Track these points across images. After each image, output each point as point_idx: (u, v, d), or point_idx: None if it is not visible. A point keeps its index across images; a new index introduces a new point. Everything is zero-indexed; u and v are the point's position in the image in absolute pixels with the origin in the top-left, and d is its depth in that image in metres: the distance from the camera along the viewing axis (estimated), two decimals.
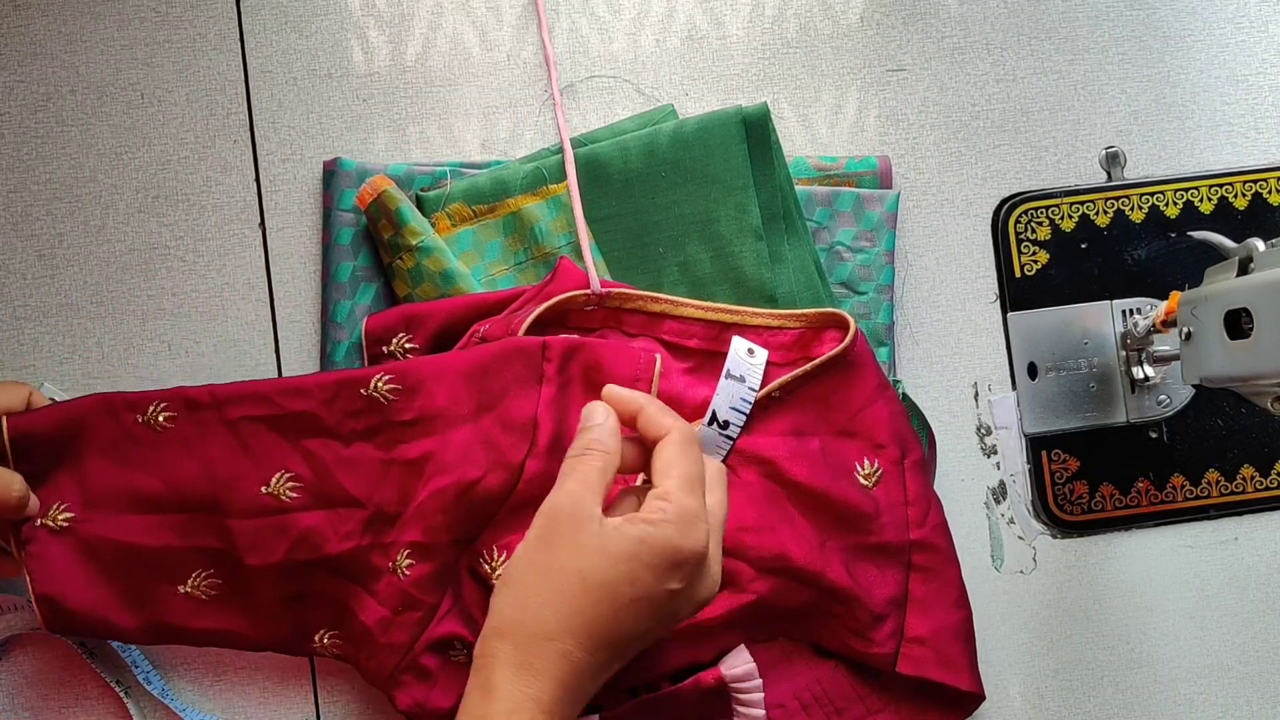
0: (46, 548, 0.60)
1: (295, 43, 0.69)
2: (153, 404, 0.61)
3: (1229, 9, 0.72)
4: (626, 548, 0.49)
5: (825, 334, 0.64)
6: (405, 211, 0.64)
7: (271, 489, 0.60)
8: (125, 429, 0.61)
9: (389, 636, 0.61)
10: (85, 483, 0.60)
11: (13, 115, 0.68)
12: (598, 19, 0.70)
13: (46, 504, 0.60)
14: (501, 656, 0.49)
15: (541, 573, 0.50)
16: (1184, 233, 0.70)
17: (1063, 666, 0.69)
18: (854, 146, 0.70)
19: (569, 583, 0.49)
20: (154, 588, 0.61)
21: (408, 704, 0.61)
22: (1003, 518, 0.69)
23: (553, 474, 0.56)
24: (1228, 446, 0.70)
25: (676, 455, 0.52)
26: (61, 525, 0.60)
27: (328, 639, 0.63)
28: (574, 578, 0.49)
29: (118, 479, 0.60)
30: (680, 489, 0.50)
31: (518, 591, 0.50)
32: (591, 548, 0.49)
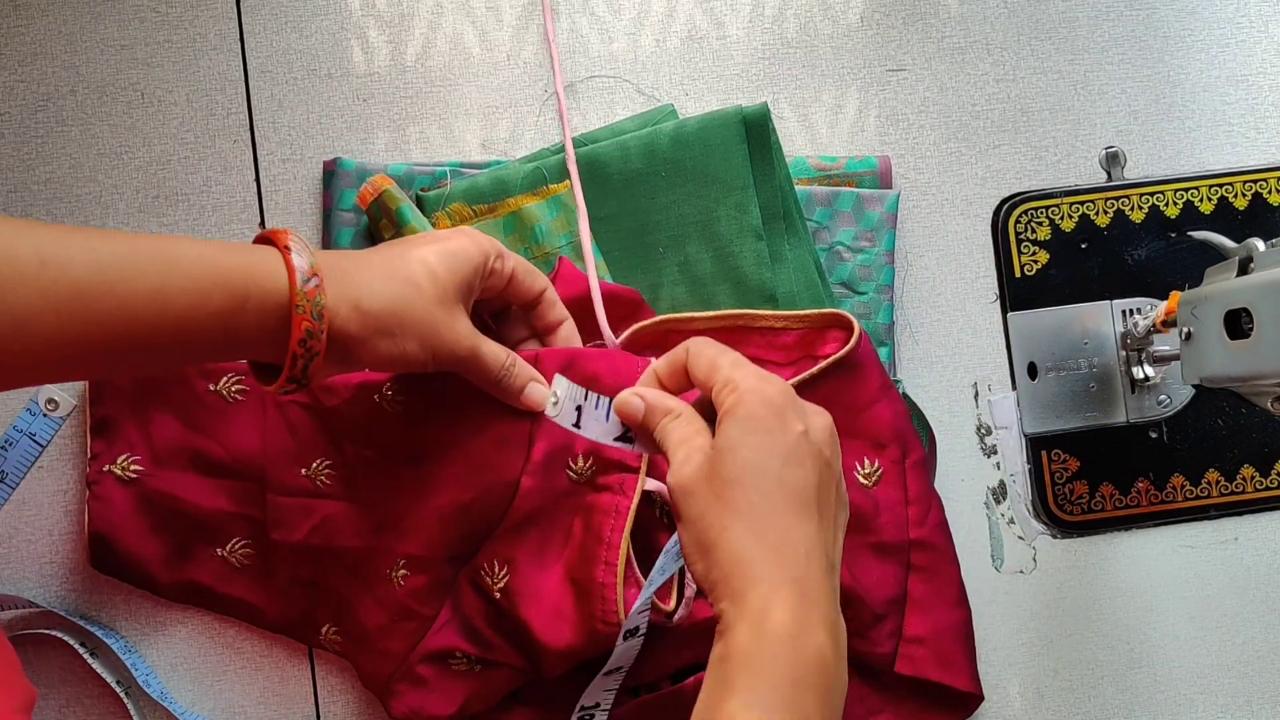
0: (110, 492, 0.63)
1: (295, 43, 0.69)
2: (226, 375, 0.64)
3: (1229, 9, 0.72)
4: (747, 437, 0.48)
5: (828, 334, 0.64)
6: (406, 211, 0.64)
7: (310, 472, 0.63)
8: (197, 395, 0.64)
9: (385, 643, 0.62)
10: (153, 439, 0.64)
11: (13, 115, 0.68)
12: (598, 19, 0.70)
13: (115, 452, 0.63)
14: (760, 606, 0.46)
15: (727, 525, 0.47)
16: (1184, 233, 0.70)
17: (1063, 666, 0.69)
18: (854, 146, 0.70)
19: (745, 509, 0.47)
20: (196, 548, 0.64)
21: (403, 711, 0.62)
22: (1003, 518, 0.69)
23: (550, 488, 0.57)
24: (1228, 446, 0.70)
25: (703, 351, 0.52)
26: (130, 476, 0.63)
27: (333, 633, 0.64)
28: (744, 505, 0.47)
29: (185, 439, 0.64)
30: (728, 366, 0.51)
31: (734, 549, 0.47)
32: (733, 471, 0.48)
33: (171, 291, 0.47)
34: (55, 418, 0.67)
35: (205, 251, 0.49)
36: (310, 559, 0.63)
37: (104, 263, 0.46)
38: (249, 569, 0.64)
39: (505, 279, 0.58)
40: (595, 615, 0.57)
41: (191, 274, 0.47)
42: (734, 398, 0.49)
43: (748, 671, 0.45)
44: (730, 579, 0.46)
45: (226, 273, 0.48)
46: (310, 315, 0.49)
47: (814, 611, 0.46)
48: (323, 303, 0.49)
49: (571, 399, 0.54)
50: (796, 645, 0.45)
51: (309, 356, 0.50)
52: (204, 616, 0.66)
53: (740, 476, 0.47)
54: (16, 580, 0.66)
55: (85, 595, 0.66)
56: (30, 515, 0.66)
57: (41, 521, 0.66)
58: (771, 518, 0.47)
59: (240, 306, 0.48)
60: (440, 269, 0.54)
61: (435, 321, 0.53)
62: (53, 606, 0.65)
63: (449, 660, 0.61)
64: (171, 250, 0.48)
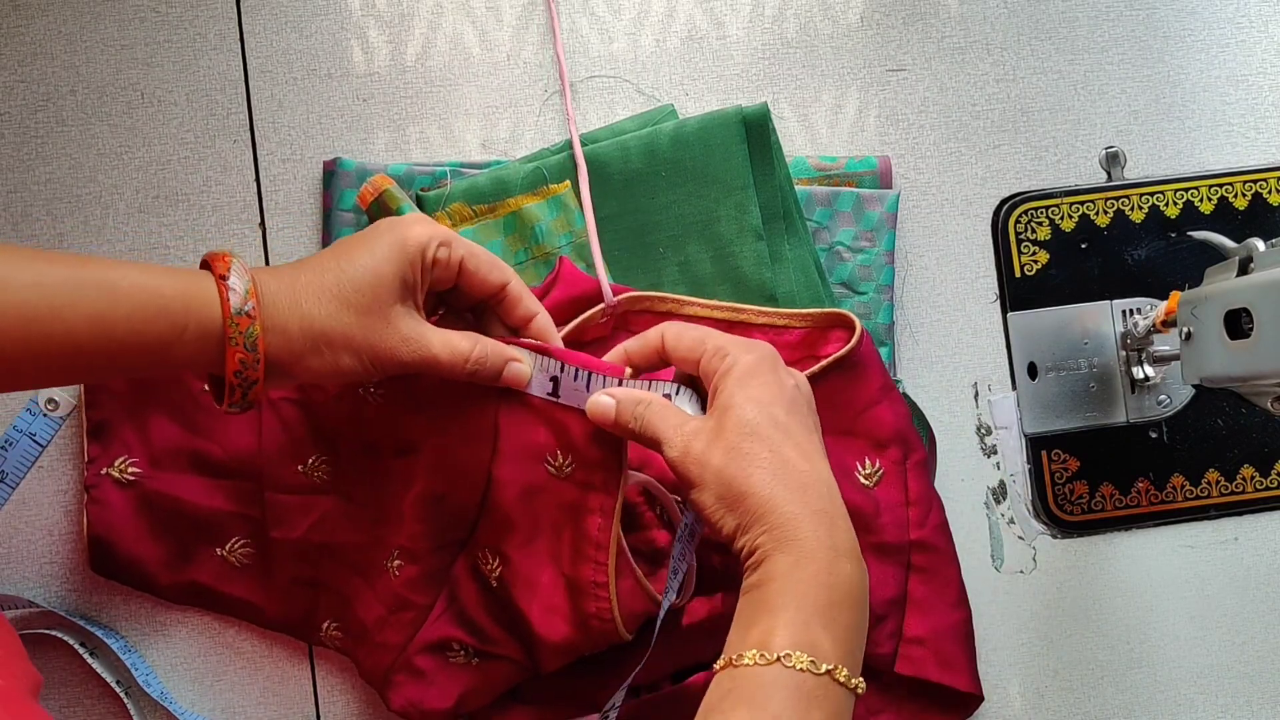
0: (109, 495, 0.63)
1: (295, 43, 0.69)
2: None
3: (1229, 9, 0.72)
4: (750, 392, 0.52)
5: (831, 333, 0.64)
6: (407, 211, 0.64)
7: (306, 468, 0.63)
8: (193, 396, 0.64)
9: (384, 635, 0.62)
10: (151, 441, 0.64)
11: (13, 115, 0.68)
12: (598, 19, 0.70)
13: (113, 455, 0.64)
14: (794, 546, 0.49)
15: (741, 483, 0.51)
16: (1184, 233, 0.70)
17: (1063, 666, 0.69)
18: (854, 146, 0.70)
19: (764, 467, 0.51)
20: (196, 548, 0.64)
21: (401, 703, 0.62)
22: (1003, 518, 0.69)
23: (529, 481, 0.58)
24: (1228, 446, 0.70)
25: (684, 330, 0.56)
26: (128, 478, 0.63)
27: (333, 629, 0.64)
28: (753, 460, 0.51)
29: (183, 440, 0.64)
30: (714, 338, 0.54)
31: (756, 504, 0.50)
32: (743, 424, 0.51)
33: (114, 318, 0.49)
34: (55, 418, 0.67)
35: (148, 279, 0.50)
36: (310, 556, 0.63)
37: (49, 287, 0.48)
38: (249, 568, 0.64)
39: (453, 269, 0.56)
40: (589, 612, 0.57)
41: (133, 301, 0.49)
42: (728, 360, 0.53)
43: (787, 594, 0.48)
44: (764, 517, 0.49)
45: (166, 301, 0.50)
46: (244, 347, 0.50)
47: (841, 540, 0.50)
48: (255, 333, 0.51)
49: (543, 369, 0.56)
50: (831, 570, 0.49)
51: (245, 385, 0.51)
52: (204, 616, 0.66)
53: (752, 429, 0.51)
54: (16, 580, 0.66)
55: (85, 595, 0.66)
56: (30, 515, 0.66)
57: (41, 521, 0.66)
58: (789, 461, 0.51)
59: (179, 336, 0.50)
60: (367, 277, 0.53)
61: (367, 332, 0.53)
62: (53, 606, 0.65)
63: (447, 652, 0.61)
64: (115, 277, 0.49)
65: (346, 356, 0.53)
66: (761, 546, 0.49)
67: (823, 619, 0.48)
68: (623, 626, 0.58)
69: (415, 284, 0.54)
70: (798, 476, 0.50)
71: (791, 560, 0.48)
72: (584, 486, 0.58)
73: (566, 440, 0.57)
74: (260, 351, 0.51)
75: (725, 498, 0.50)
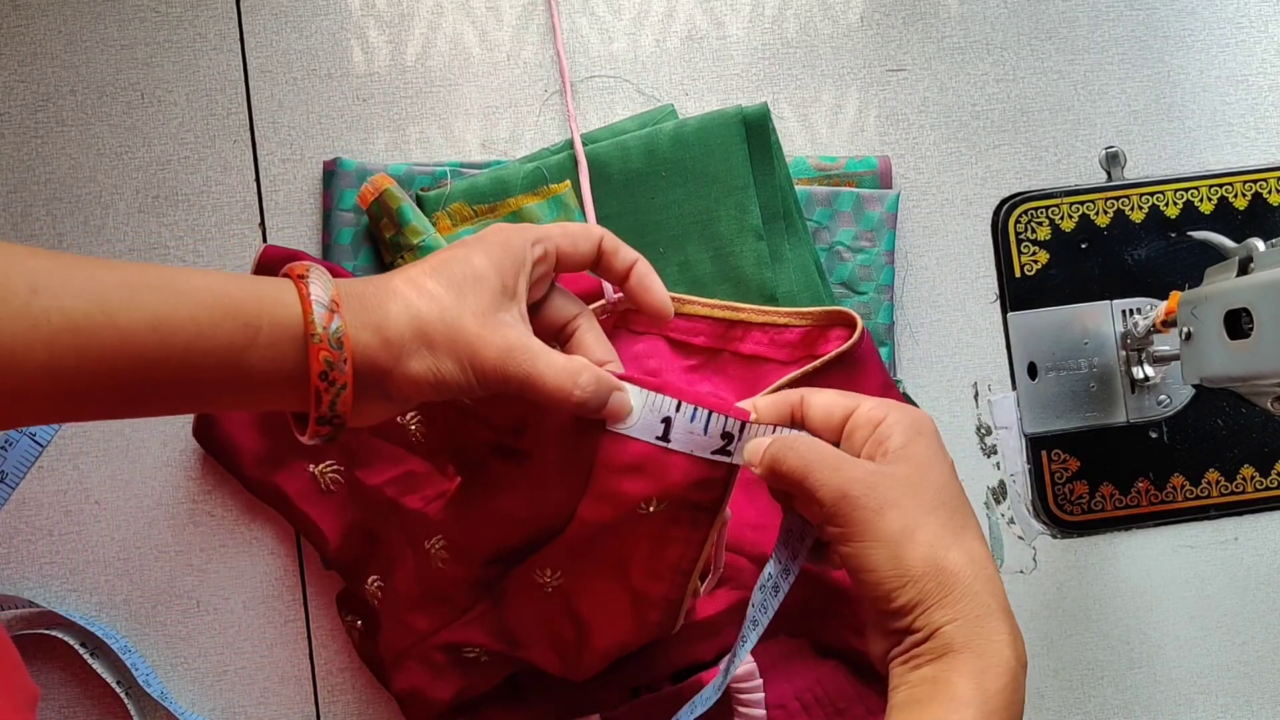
0: None
1: (295, 43, 0.69)
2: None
3: (1229, 9, 0.72)
4: (941, 456, 0.49)
5: (831, 332, 0.64)
6: (407, 210, 0.64)
7: (405, 420, 0.62)
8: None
9: (412, 617, 0.61)
10: None
11: (13, 115, 0.68)
12: (598, 19, 0.70)
13: None
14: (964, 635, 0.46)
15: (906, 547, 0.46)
16: (1184, 233, 0.70)
17: (1063, 666, 0.69)
18: (854, 146, 0.70)
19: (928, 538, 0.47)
20: (292, 457, 0.64)
21: (404, 687, 0.61)
22: (1003, 518, 0.69)
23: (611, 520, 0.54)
24: (1228, 446, 0.70)
25: (823, 393, 0.51)
26: None
27: (376, 586, 0.63)
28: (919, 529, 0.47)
29: None
30: (868, 399, 0.50)
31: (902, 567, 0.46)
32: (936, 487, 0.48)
33: (176, 321, 0.43)
34: None
35: (214, 281, 0.44)
36: (380, 509, 0.63)
37: (104, 292, 0.42)
38: (333, 495, 0.64)
39: (551, 261, 0.51)
40: (652, 620, 0.56)
41: (199, 303, 0.43)
42: (912, 418, 0.48)
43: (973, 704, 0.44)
44: (957, 603, 0.46)
45: (236, 302, 0.44)
46: (328, 344, 0.44)
47: (1023, 649, 0.46)
48: (341, 329, 0.45)
49: (654, 409, 0.50)
50: (1017, 686, 0.46)
51: (334, 391, 0.45)
52: (204, 616, 0.66)
53: (947, 497, 0.47)
54: (16, 580, 0.66)
55: (85, 595, 0.66)
56: (30, 515, 0.66)
57: (41, 521, 0.66)
58: (980, 545, 0.47)
59: (251, 339, 0.44)
60: (468, 277, 0.48)
61: (469, 336, 0.47)
62: (53, 606, 0.65)
63: (463, 650, 0.61)
64: (178, 279, 0.44)
65: (449, 362, 0.46)
66: (946, 635, 0.45)
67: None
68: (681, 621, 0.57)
69: (516, 291, 0.49)
70: (989, 564, 0.47)
71: (981, 666, 0.45)
72: (673, 521, 0.55)
73: (664, 489, 0.53)
74: (347, 350, 0.45)
75: (906, 564, 0.46)
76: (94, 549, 0.66)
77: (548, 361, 0.48)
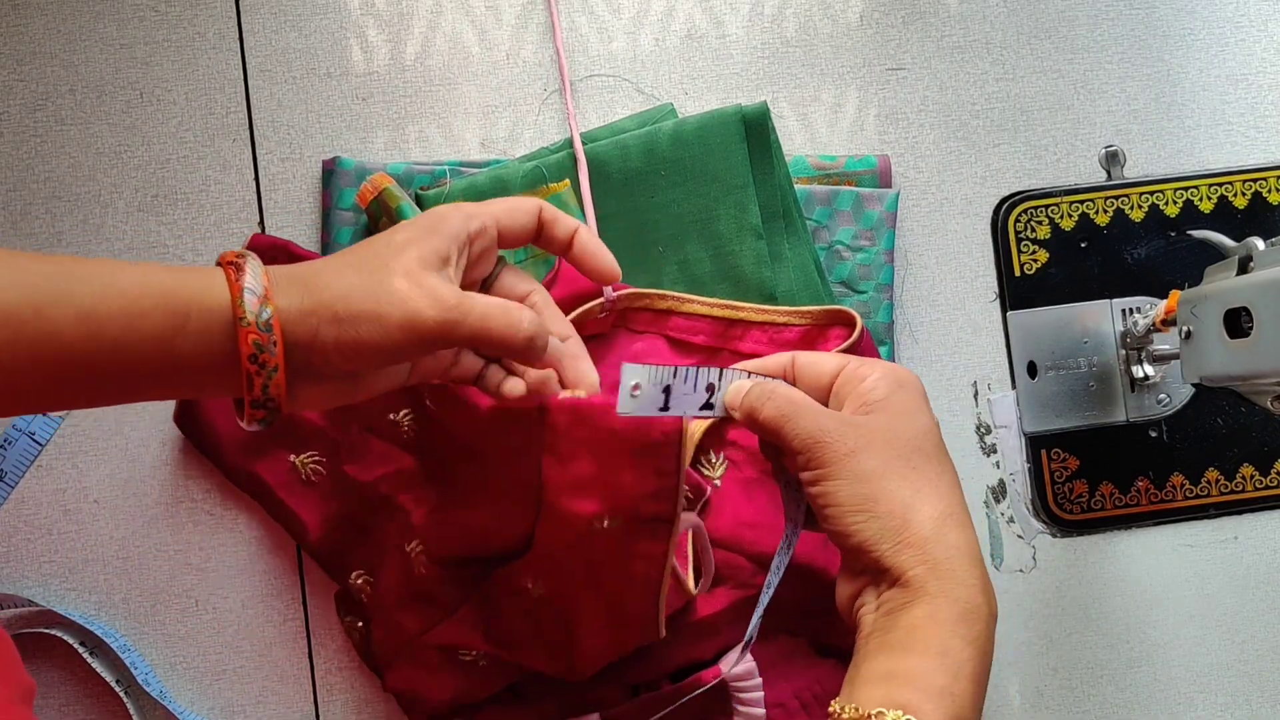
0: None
1: (295, 42, 0.69)
2: None
3: (1229, 9, 0.72)
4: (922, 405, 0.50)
5: (831, 331, 0.64)
6: (406, 209, 0.64)
7: (398, 418, 0.62)
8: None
9: (400, 617, 0.61)
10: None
11: (12, 114, 0.68)
12: (597, 18, 0.70)
13: None
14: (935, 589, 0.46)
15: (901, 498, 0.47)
16: (1184, 232, 0.70)
17: (1063, 666, 0.69)
18: (853, 145, 0.70)
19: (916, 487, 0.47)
20: (273, 446, 0.64)
21: (399, 685, 0.62)
22: (1002, 516, 0.69)
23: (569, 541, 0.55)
24: (1227, 445, 0.70)
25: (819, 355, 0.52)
26: None
27: (361, 580, 0.64)
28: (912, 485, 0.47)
29: None
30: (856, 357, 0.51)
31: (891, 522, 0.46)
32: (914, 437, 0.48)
33: (105, 313, 0.43)
34: (55, 416, 0.67)
35: (145, 272, 0.45)
36: (370, 504, 0.63)
37: (33, 285, 0.42)
38: (314, 486, 0.64)
39: (491, 235, 0.51)
40: (634, 630, 0.57)
41: (127, 294, 0.43)
42: (894, 374, 0.49)
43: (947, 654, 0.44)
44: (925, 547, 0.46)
45: (165, 290, 0.44)
46: (257, 327, 0.44)
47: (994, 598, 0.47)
48: (271, 313, 0.45)
49: (656, 382, 0.50)
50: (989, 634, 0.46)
51: (266, 374, 0.45)
52: (203, 615, 0.66)
53: (921, 442, 0.48)
54: (16, 580, 0.66)
55: (84, 594, 0.66)
56: (30, 514, 0.66)
57: (41, 520, 0.66)
58: (957, 493, 0.48)
59: (181, 326, 0.44)
60: (389, 244, 0.48)
61: (394, 294, 0.46)
62: (52, 605, 0.65)
63: (458, 650, 0.61)
64: (108, 271, 0.44)
65: (367, 325, 0.46)
66: (917, 579, 0.45)
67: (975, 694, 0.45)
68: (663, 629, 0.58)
69: (449, 256, 0.49)
70: (962, 513, 0.47)
71: (957, 613, 0.45)
72: (633, 536, 0.56)
73: (614, 505, 0.54)
74: (277, 331, 0.45)
75: (871, 501, 0.46)
76: (93, 548, 0.66)
77: (486, 304, 0.48)
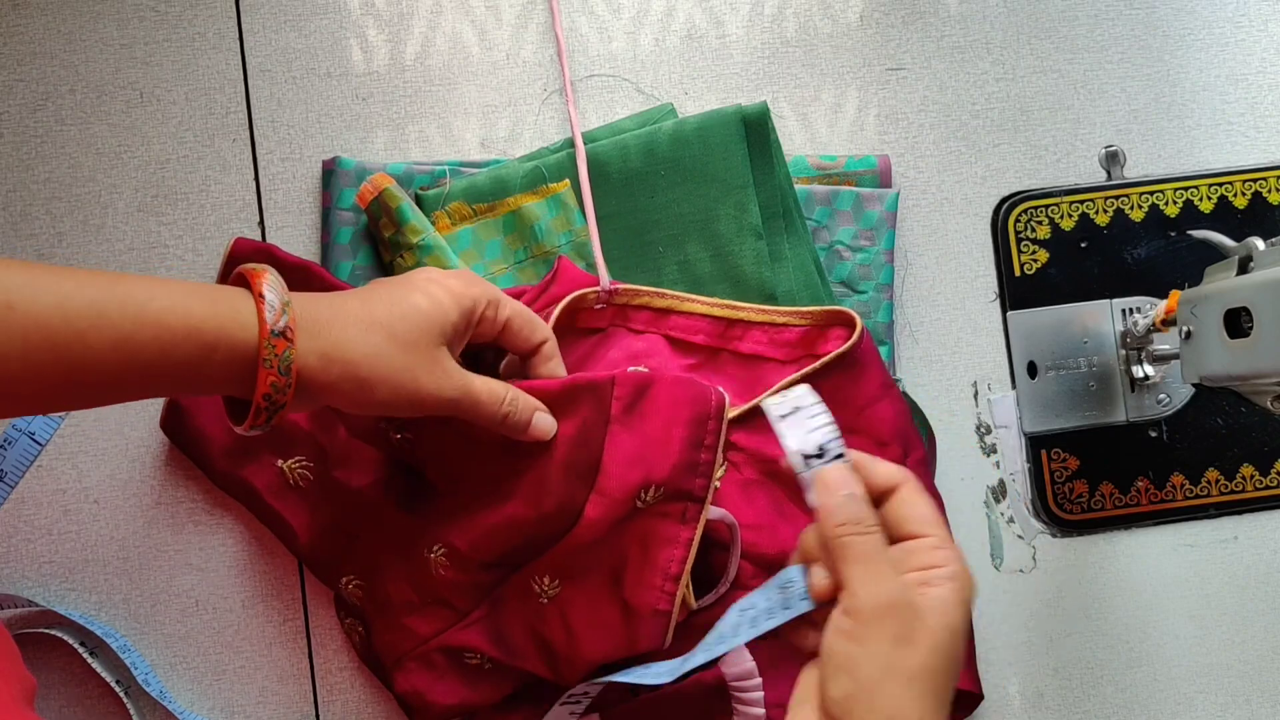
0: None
1: (294, 42, 0.69)
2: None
3: (1229, 8, 0.72)
4: (958, 614, 0.46)
5: (831, 331, 0.64)
6: (406, 209, 0.64)
7: (387, 424, 0.61)
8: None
9: (411, 620, 0.61)
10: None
11: (12, 114, 0.68)
12: (597, 18, 0.70)
13: None
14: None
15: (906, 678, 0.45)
16: (1184, 232, 0.70)
17: (1063, 666, 0.69)
18: (853, 145, 0.70)
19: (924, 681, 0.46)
20: (261, 451, 0.64)
21: (406, 689, 0.61)
22: (1002, 516, 0.69)
23: (613, 519, 0.56)
24: (1227, 445, 0.70)
25: (919, 496, 0.49)
26: None
27: (354, 585, 0.63)
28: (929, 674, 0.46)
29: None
30: (945, 531, 0.48)
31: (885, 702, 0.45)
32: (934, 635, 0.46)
33: (139, 342, 0.46)
34: (55, 416, 0.67)
35: (178, 299, 0.48)
36: (360, 511, 0.62)
37: (72, 309, 0.45)
38: (301, 491, 0.64)
39: (498, 327, 0.56)
40: (641, 636, 0.57)
41: (161, 323, 0.47)
42: (956, 570, 0.47)
43: None
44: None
45: (197, 322, 0.47)
46: (277, 370, 0.48)
47: None
48: (291, 358, 0.48)
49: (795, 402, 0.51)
50: None
51: (273, 410, 0.49)
52: (203, 615, 0.66)
53: (935, 645, 0.45)
54: (16, 580, 0.66)
55: (84, 594, 0.66)
56: (30, 514, 0.66)
57: (41, 521, 0.66)
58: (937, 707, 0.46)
59: (208, 357, 0.48)
60: (418, 317, 0.52)
61: (410, 369, 0.52)
62: (52, 605, 0.65)
63: (464, 654, 0.61)
64: (144, 298, 0.47)
65: (384, 390, 0.51)
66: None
67: None
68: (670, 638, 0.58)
69: (460, 337, 0.54)
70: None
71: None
72: (663, 516, 0.57)
73: (660, 474, 0.56)
74: (293, 376, 0.48)
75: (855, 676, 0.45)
76: (93, 548, 0.66)
77: (483, 383, 0.54)
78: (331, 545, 0.64)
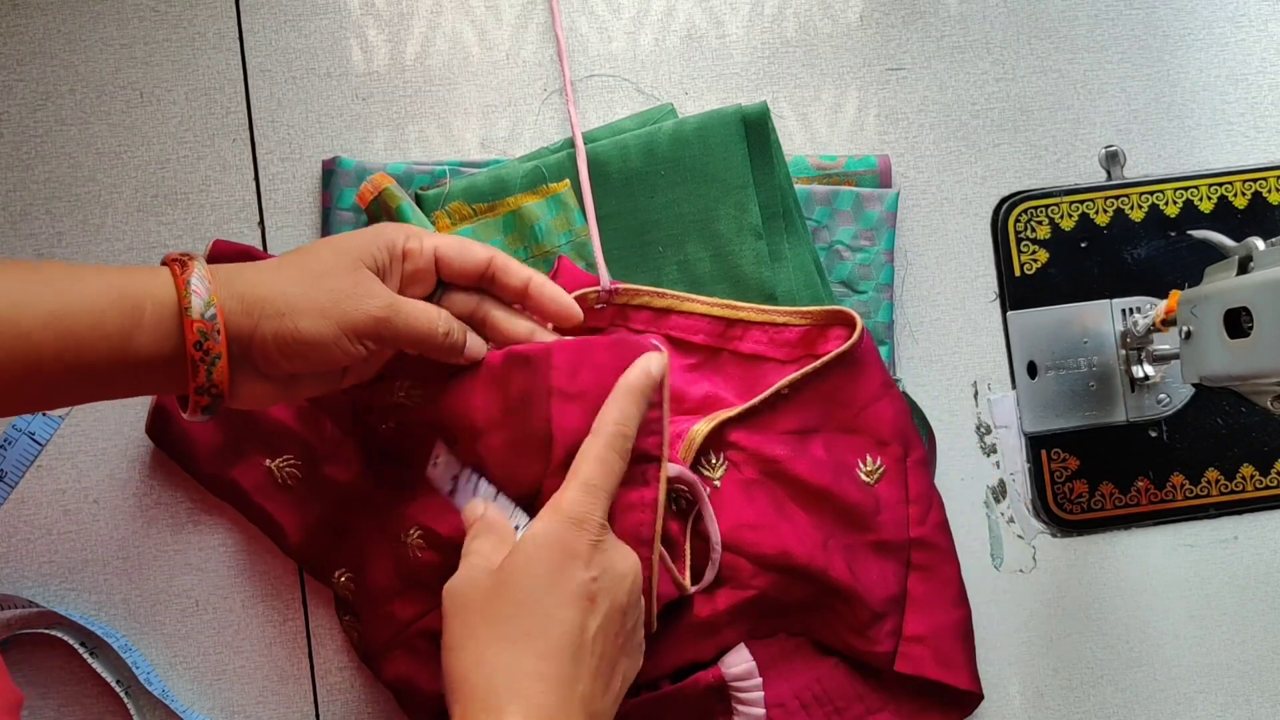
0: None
1: (294, 42, 0.69)
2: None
3: (1229, 8, 0.72)
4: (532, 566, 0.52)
5: (831, 331, 0.64)
6: (406, 209, 0.64)
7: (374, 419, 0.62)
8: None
9: (392, 607, 0.61)
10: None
11: (12, 114, 0.68)
12: (597, 18, 0.70)
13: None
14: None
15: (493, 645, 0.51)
16: (1184, 232, 0.70)
17: (1062, 666, 0.69)
18: (853, 145, 0.70)
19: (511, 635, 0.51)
20: (249, 451, 0.64)
21: (393, 677, 0.62)
22: (1002, 516, 0.69)
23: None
24: (1227, 445, 0.70)
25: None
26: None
27: (345, 579, 0.64)
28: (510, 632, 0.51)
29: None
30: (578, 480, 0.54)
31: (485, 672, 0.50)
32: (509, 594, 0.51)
33: (71, 314, 0.48)
34: (54, 416, 0.67)
35: (102, 273, 0.49)
36: (351, 504, 0.63)
37: (5, 292, 0.47)
38: (290, 490, 0.64)
39: (428, 257, 0.57)
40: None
41: (87, 295, 0.48)
42: (538, 526, 0.52)
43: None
44: (476, 696, 0.49)
45: (121, 290, 0.49)
46: (202, 317, 0.49)
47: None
48: (213, 303, 0.50)
49: (448, 469, 0.59)
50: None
51: (209, 361, 0.50)
52: (203, 615, 0.66)
53: (514, 600, 0.51)
54: (16, 580, 0.66)
55: (85, 594, 0.66)
56: (29, 514, 0.66)
57: (41, 521, 0.66)
58: (531, 651, 0.50)
59: (138, 321, 0.49)
60: (327, 250, 0.54)
61: (330, 292, 0.52)
62: (52, 606, 0.65)
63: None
64: (73, 277, 0.49)
65: (306, 321, 0.51)
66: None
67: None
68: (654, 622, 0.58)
69: (386, 268, 0.55)
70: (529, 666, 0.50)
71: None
72: (624, 482, 0.56)
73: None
74: (220, 320, 0.50)
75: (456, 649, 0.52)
76: (93, 548, 0.66)
77: (413, 305, 0.55)
78: (322, 542, 0.64)
